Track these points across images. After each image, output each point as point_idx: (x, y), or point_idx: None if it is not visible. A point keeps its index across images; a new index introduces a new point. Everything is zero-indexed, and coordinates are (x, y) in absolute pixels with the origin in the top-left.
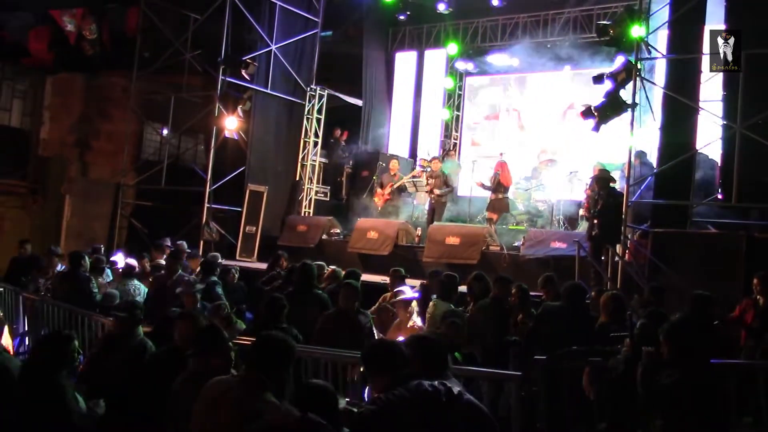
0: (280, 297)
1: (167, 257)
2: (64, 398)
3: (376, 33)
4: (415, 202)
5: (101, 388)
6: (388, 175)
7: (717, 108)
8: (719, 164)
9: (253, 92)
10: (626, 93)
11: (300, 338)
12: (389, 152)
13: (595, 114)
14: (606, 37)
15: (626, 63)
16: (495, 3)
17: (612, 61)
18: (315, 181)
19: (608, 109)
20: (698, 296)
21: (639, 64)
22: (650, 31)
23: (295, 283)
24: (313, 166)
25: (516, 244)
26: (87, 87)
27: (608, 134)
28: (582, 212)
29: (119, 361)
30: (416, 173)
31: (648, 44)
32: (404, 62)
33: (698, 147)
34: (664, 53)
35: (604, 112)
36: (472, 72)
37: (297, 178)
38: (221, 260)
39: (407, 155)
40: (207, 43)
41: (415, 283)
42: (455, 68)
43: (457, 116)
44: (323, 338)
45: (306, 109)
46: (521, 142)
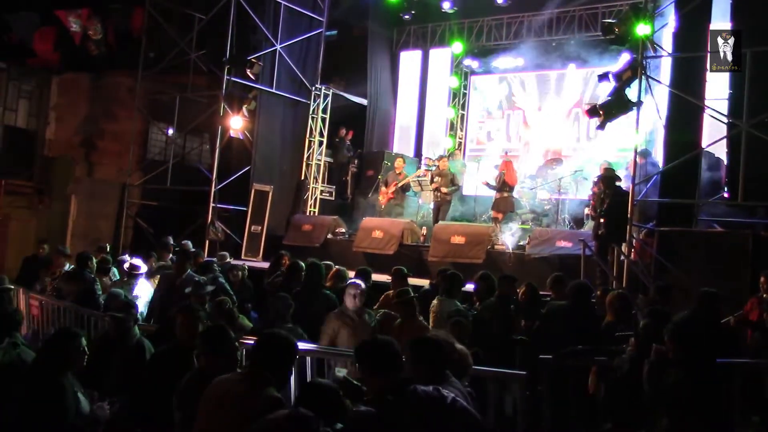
0: (286, 296)
1: (176, 256)
2: (62, 398)
3: (381, 32)
4: (421, 201)
5: (98, 389)
6: (393, 174)
7: (723, 106)
8: (725, 163)
9: (258, 92)
10: (632, 91)
11: (305, 337)
12: (394, 151)
13: (601, 112)
14: (611, 36)
15: (631, 61)
16: (500, 2)
17: (617, 60)
18: (320, 181)
19: (613, 108)
20: (705, 293)
21: (644, 62)
22: (656, 30)
23: (304, 283)
24: (318, 166)
25: (521, 243)
26: (92, 87)
27: (614, 132)
28: (588, 211)
29: (116, 362)
30: (420, 173)
31: (653, 42)
32: (409, 61)
33: (704, 145)
34: (670, 51)
35: (610, 111)
36: (477, 71)
37: (302, 178)
38: (230, 260)
39: (412, 154)
40: (212, 43)
41: (424, 282)
42: (460, 67)
43: (462, 115)
44: None
45: (311, 109)
46: (526, 141)
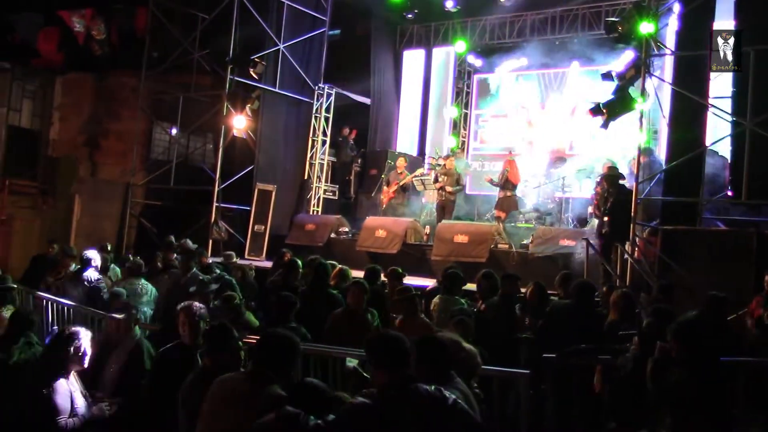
0: (290, 295)
1: (181, 255)
2: (50, 399)
3: (384, 31)
4: (424, 200)
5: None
6: (395, 174)
7: (727, 104)
8: (729, 161)
9: (262, 91)
10: (635, 90)
11: (308, 336)
12: (397, 150)
13: (604, 111)
14: (615, 34)
15: (635, 60)
16: (503, 1)
17: (621, 58)
18: (323, 180)
19: (617, 106)
20: (713, 297)
21: (648, 61)
22: (659, 28)
23: (309, 282)
24: (322, 165)
25: (525, 242)
26: (96, 87)
27: (618, 131)
28: (591, 210)
29: (116, 363)
30: (419, 172)
31: (657, 41)
32: (412, 60)
33: (708, 144)
34: (673, 49)
35: (613, 109)
36: (481, 69)
37: (305, 177)
38: (236, 259)
39: (415, 153)
40: (215, 43)
41: (426, 282)
42: (463, 66)
43: (466, 114)
44: (332, 337)
45: (314, 108)
46: (530, 140)
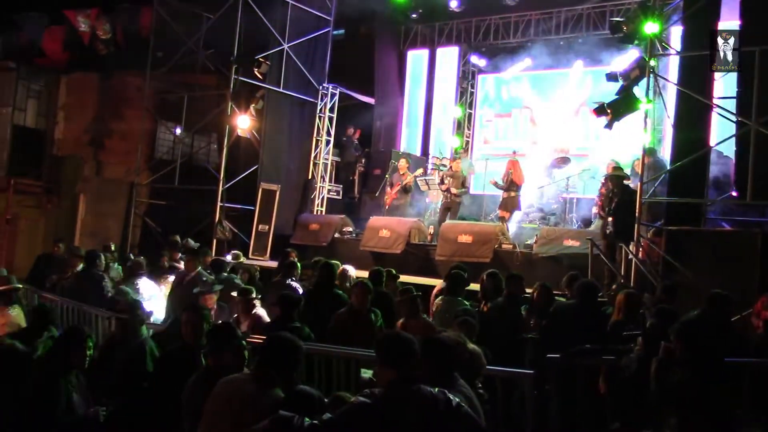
0: (292, 295)
1: (185, 255)
2: (57, 398)
3: (388, 31)
4: (428, 200)
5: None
6: (398, 175)
7: (731, 105)
8: (734, 161)
9: (266, 91)
10: (639, 90)
11: (312, 336)
12: (401, 150)
13: (608, 111)
14: (619, 34)
15: (639, 60)
16: (507, 1)
17: (626, 58)
18: (327, 180)
19: (621, 107)
20: (715, 295)
21: (652, 61)
22: (664, 28)
23: (316, 283)
24: (326, 165)
25: (529, 242)
26: (101, 86)
27: (623, 131)
28: (596, 210)
29: (118, 363)
30: (418, 173)
31: (662, 41)
32: (416, 60)
33: (712, 144)
34: (678, 49)
35: (618, 110)
36: (485, 69)
37: (309, 177)
38: (243, 259)
39: (419, 153)
40: (220, 43)
41: (435, 282)
42: (467, 66)
43: (470, 114)
44: (336, 336)
45: (318, 108)
46: (534, 140)
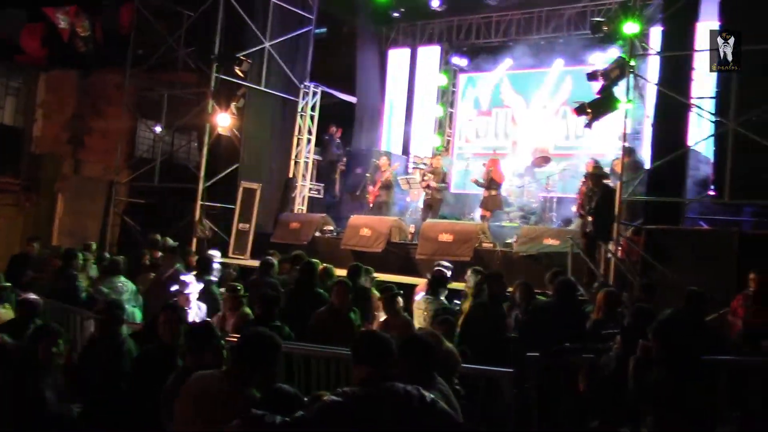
0: (271, 293)
1: (164, 253)
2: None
3: (370, 30)
4: (409, 199)
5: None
6: (379, 172)
7: (710, 105)
8: (712, 161)
9: (247, 89)
10: (619, 89)
11: (292, 335)
12: (383, 149)
13: (588, 111)
14: (600, 34)
15: (619, 59)
16: (489, 1)
17: (606, 57)
18: (309, 179)
19: (601, 106)
20: (691, 293)
21: (632, 61)
22: (644, 28)
23: (297, 282)
24: (307, 164)
25: (509, 241)
26: (80, 84)
27: (602, 130)
28: (576, 209)
29: (99, 363)
30: (396, 166)
31: (642, 41)
32: (398, 59)
33: (691, 144)
34: (658, 49)
35: (598, 109)
36: (466, 69)
37: (290, 176)
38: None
39: (401, 152)
40: (201, 41)
41: (418, 281)
42: (449, 65)
43: (451, 113)
44: (316, 335)
45: (300, 107)
46: (515, 140)
